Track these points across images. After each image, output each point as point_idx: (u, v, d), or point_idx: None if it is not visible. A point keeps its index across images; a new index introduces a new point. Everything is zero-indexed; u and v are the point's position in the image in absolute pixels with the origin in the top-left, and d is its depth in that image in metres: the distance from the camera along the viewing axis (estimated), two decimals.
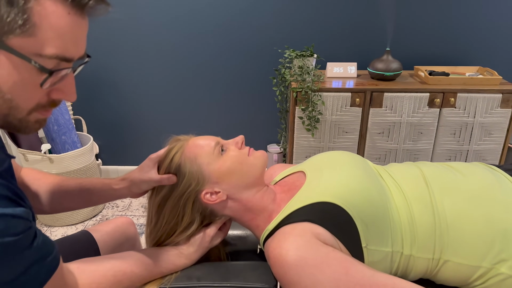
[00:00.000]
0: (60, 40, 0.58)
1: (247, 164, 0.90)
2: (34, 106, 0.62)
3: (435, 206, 0.85)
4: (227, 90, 2.35)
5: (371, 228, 0.82)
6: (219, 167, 0.88)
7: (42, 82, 0.59)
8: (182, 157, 0.90)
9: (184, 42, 2.25)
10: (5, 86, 0.58)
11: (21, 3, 0.54)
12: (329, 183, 0.88)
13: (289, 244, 0.77)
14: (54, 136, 2.10)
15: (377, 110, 1.96)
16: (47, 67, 0.58)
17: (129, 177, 0.95)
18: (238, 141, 0.93)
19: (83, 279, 0.77)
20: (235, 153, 0.91)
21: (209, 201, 0.89)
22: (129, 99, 2.40)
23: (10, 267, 0.59)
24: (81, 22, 0.61)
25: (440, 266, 0.83)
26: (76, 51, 0.62)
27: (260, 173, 0.92)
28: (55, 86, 0.62)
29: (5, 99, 0.59)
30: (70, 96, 0.65)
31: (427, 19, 2.16)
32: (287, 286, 0.77)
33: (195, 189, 0.88)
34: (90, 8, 0.61)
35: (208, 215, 0.93)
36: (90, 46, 2.12)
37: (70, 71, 0.63)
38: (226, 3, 2.16)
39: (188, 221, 0.90)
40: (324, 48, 2.22)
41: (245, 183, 0.90)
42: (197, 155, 0.89)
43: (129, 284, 0.84)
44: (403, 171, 0.96)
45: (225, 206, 0.91)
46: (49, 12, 0.56)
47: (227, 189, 0.89)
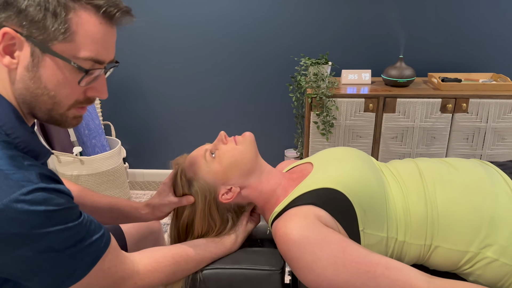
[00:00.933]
0: (93, 45, 0.69)
1: (238, 152, 0.98)
2: (73, 102, 0.73)
3: (428, 197, 0.92)
4: (246, 97, 2.47)
5: (368, 214, 0.90)
6: (218, 169, 0.98)
7: (80, 80, 0.70)
8: (187, 179, 1.00)
9: (205, 53, 2.39)
10: (50, 84, 0.69)
11: (63, 15, 0.65)
12: (333, 172, 0.96)
13: (293, 224, 0.86)
14: (85, 140, 2.25)
15: (391, 115, 2.02)
16: (83, 67, 0.69)
17: (151, 203, 1.07)
18: (221, 138, 1.00)
19: (145, 259, 0.86)
20: (224, 149, 0.99)
21: (228, 200, 0.99)
22: (155, 106, 2.55)
23: (57, 236, 0.65)
24: (111, 30, 0.72)
25: (432, 251, 0.90)
26: (107, 55, 0.73)
27: (253, 153, 1.00)
28: (90, 85, 0.73)
29: (50, 95, 0.70)
30: (103, 94, 0.76)
31: (440, 27, 2.22)
32: (290, 261, 0.86)
33: (211, 198, 0.99)
34: (118, 19, 0.72)
35: (236, 209, 1.03)
36: (119, 57, 2.31)
37: (102, 72, 0.74)
38: (246, 16, 2.29)
39: (220, 223, 1.01)
40: (339, 56, 2.31)
41: (247, 169, 0.99)
42: (195, 171, 1.00)
43: (185, 266, 0.92)
44: (401, 166, 1.03)
45: (243, 196, 1.01)
46: (85, 22, 0.67)
47: (236, 182, 0.99)
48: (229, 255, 1.02)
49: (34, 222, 0.62)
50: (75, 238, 0.69)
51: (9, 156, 0.64)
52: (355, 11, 2.23)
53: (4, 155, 0.64)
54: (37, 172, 0.66)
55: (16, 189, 0.61)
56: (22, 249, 0.63)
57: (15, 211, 0.60)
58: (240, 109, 2.50)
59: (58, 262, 0.67)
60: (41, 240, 0.64)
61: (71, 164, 2.18)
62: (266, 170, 1.03)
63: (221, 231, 1.02)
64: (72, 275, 0.70)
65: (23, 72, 0.68)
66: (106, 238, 0.75)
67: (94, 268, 0.72)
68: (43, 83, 0.69)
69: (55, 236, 0.65)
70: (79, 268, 0.70)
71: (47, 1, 0.64)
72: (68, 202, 0.68)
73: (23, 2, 0.64)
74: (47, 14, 0.65)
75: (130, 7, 0.73)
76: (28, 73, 0.68)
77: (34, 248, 0.64)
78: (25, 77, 0.68)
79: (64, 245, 0.67)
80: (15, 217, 0.61)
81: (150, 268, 0.85)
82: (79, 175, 2.19)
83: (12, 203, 0.60)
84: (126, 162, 2.69)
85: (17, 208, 0.61)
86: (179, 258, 0.91)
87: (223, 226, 1.02)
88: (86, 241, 0.70)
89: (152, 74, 2.47)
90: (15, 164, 0.64)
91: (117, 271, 0.78)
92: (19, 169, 0.64)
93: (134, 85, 2.51)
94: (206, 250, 0.97)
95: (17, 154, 0.66)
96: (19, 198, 0.61)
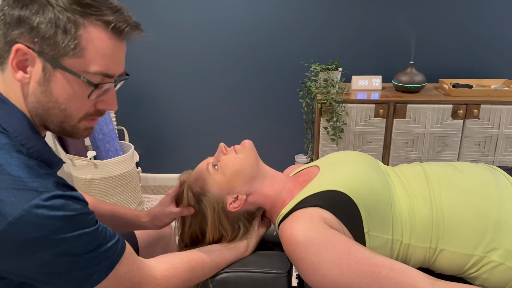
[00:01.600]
0: (103, 59, 0.71)
1: (239, 161, 1.01)
2: (83, 115, 0.75)
3: (433, 200, 0.92)
4: (256, 103, 2.49)
5: (373, 216, 0.91)
6: (222, 179, 1.01)
7: (89, 94, 0.72)
8: (194, 194, 1.04)
9: (217, 59, 2.42)
10: (61, 98, 0.71)
11: (73, 31, 0.68)
12: (339, 175, 0.97)
13: (299, 225, 0.87)
14: (99, 144, 2.30)
15: (401, 121, 2.02)
16: (93, 82, 0.71)
17: (152, 212, 1.10)
18: (222, 149, 1.03)
19: (161, 264, 0.87)
20: (225, 159, 1.02)
21: (236, 208, 1.01)
22: (168, 112, 2.59)
23: (76, 241, 0.67)
24: (120, 45, 0.74)
25: (437, 255, 0.91)
26: (117, 69, 0.75)
27: (253, 159, 1.02)
28: (100, 98, 0.75)
29: (61, 109, 0.72)
30: (113, 106, 0.78)
31: (451, 32, 2.22)
32: (295, 262, 0.88)
33: (220, 208, 1.02)
34: (127, 34, 0.74)
35: (246, 216, 1.05)
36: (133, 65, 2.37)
37: (111, 86, 0.76)
38: (257, 22, 2.32)
39: (231, 232, 1.03)
40: (349, 62, 2.32)
41: (249, 176, 1.01)
42: (201, 185, 1.03)
43: (201, 272, 0.93)
44: (408, 169, 1.04)
45: (251, 202, 1.03)
46: (94, 38, 0.69)
47: (241, 190, 1.01)
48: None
49: (54, 226, 0.64)
50: (92, 243, 0.71)
51: (26, 165, 0.67)
52: (366, 17, 2.24)
53: (22, 164, 0.66)
54: (53, 180, 0.68)
55: (35, 195, 0.64)
56: (42, 253, 0.65)
57: (35, 216, 0.63)
58: (251, 114, 2.53)
59: (76, 266, 0.69)
60: (60, 245, 0.66)
61: (85, 168, 2.22)
62: (270, 174, 1.05)
63: (233, 239, 1.04)
64: (90, 279, 0.72)
65: (35, 87, 0.70)
66: (121, 244, 0.77)
67: (111, 273, 0.74)
68: (54, 97, 0.71)
69: (73, 241, 0.67)
70: (97, 273, 0.72)
71: (58, 18, 0.67)
72: (84, 208, 0.70)
73: (35, 19, 0.66)
74: (58, 31, 0.67)
75: (139, 22, 0.75)
76: (40, 87, 0.70)
77: (54, 252, 0.66)
78: (37, 91, 0.70)
79: (82, 250, 0.69)
80: (35, 222, 0.63)
81: (167, 273, 0.86)
82: (93, 179, 2.23)
83: (32, 209, 0.63)
84: (138, 166, 2.74)
85: (37, 214, 0.63)
86: (195, 264, 0.92)
87: (234, 234, 1.04)
88: (103, 247, 0.72)
89: (164, 80, 2.51)
90: (33, 173, 0.66)
91: (134, 276, 0.79)
92: (36, 177, 0.66)
93: (148, 91, 2.55)
94: (220, 256, 0.98)
95: (33, 163, 0.68)
96: (39, 203, 0.63)
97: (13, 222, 0.62)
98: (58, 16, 0.67)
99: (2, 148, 0.67)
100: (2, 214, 0.62)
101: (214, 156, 1.06)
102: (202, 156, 2.83)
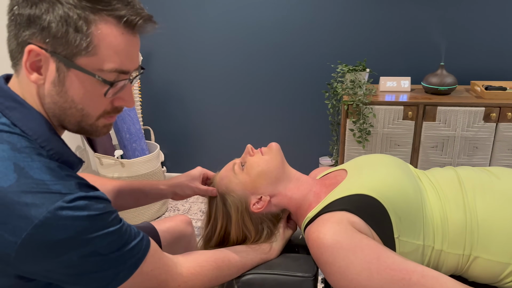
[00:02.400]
0: (117, 56, 0.69)
1: (265, 162, 1.01)
2: (101, 113, 0.74)
3: (467, 205, 0.89)
4: (282, 103, 2.48)
5: (404, 221, 0.88)
6: (246, 179, 1.01)
7: (105, 92, 0.71)
8: (220, 195, 1.05)
9: (243, 60, 2.42)
10: (77, 97, 0.70)
11: (84, 29, 0.66)
12: (368, 178, 0.95)
13: (327, 229, 0.86)
14: (126, 144, 2.34)
15: (431, 124, 1.97)
16: (108, 80, 0.70)
17: (176, 180, 1.10)
18: (248, 151, 1.05)
19: (189, 262, 0.87)
20: (251, 160, 1.02)
21: (259, 209, 1.01)
22: (193, 113, 2.61)
23: (101, 240, 0.68)
24: (133, 39, 0.71)
25: (471, 262, 0.87)
26: (131, 64, 0.73)
27: (279, 161, 1.02)
28: (116, 95, 0.74)
29: (77, 108, 0.71)
30: (130, 103, 0.76)
31: (483, 32, 2.15)
32: (322, 266, 0.86)
33: (243, 208, 1.01)
34: (140, 27, 0.71)
35: (271, 218, 1.05)
36: (160, 65, 2.40)
37: (127, 82, 0.74)
38: (283, 23, 2.31)
39: (255, 234, 1.03)
40: (377, 63, 2.28)
41: (274, 177, 1.01)
42: (226, 184, 1.03)
43: (227, 272, 0.92)
44: (440, 173, 1.01)
45: (274, 204, 1.03)
46: (106, 34, 0.67)
47: (265, 191, 1.01)
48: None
49: (79, 227, 0.65)
50: (118, 242, 0.71)
51: (48, 167, 0.67)
52: (395, 17, 2.20)
53: (43, 167, 0.66)
54: (75, 181, 0.68)
55: (59, 197, 0.64)
56: (68, 254, 0.65)
57: (60, 218, 0.63)
58: (276, 115, 2.51)
59: (103, 266, 0.69)
60: (87, 245, 0.66)
61: (112, 167, 2.26)
62: (296, 177, 1.04)
63: (257, 241, 1.03)
64: (116, 278, 0.72)
65: (50, 87, 0.69)
66: (146, 241, 0.77)
67: (137, 271, 0.74)
68: (70, 97, 0.70)
69: (99, 241, 0.67)
70: (123, 271, 0.72)
71: (68, 15, 0.65)
72: (107, 207, 0.70)
73: (45, 18, 0.65)
74: (69, 30, 0.65)
75: (152, 14, 0.72)
76: (55, 88, 0.69)
77: (80, 252, 0.66)
78: (53, 92, 0.70)
79: (108, 249, 0.69)
80: (61, 224, 0.63)
81: (193, 271, 0.86)
82: (119, 177, 2.26)
83: (57, 211, 0.63)
84: (164, 166, 2.76)
85: (62, 215, 0.63)
86: (221, 263, 0.92)
87: (258, 236, 1.03)
88: (128, 245, 0.72)
89: (191, 80, 2.53)
90: (55, 175, 0.66)
91: (160, 273, 0.79)
92: (59, 179, 0.66)
93: (174, 91, 2.58)
94: (247, 256, 0.98)
95: (55, 165, 0.68)
96: (63, 205, 0.63)
97: (39, 225, 0.62)
98: (68, 14, 0.65)
99: (23, 152, 0.66)
100: (27, 218, 0.62)
101: (241, 157, 1.06)
102: (226, 156, 2.83)
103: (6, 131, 0.68)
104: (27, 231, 0.62)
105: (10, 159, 0.65)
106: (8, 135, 0.68)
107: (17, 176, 0.64)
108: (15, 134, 0.68)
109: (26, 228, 0.62)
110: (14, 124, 0.69)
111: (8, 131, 0.68)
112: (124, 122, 2.30)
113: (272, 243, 1.03)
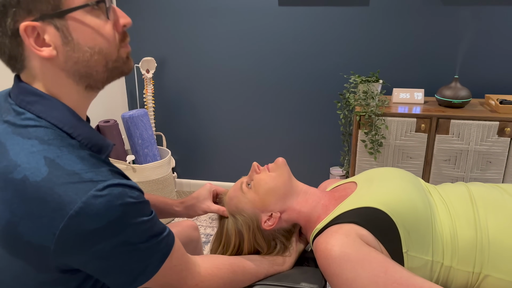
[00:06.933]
0: None
1: (272, 179, 1.02)
2: (116, 43, 0.73)
3: (477, 222, 0.88)
4: (293, 113, 2.48)
5: (412, 236, 0.87)
6: (255, 198, 1.02)
7: (107, 14, 0.70)
8: (230, 214, 1.06)
9: (255, 69, 2.44)
10: (90, 41, 0.70)
11: None
12: (377, 191, 0.95)
13: (334, 240, 0.85)
14: (138, 149, 2.36)
15: (444, 137, 1.95)
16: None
17: (187, 202, 1.13)
18: (255, 168, 1.05)
19: (206, 263, 0.88)
20: (258, 178, 1.03)
21: (271, 226, 1.02)
22: (205, 120, 2.62)
23: (134, 229, 0.67)
24: None
25: (481, 280, 0.86)
26: None
27: (285, 176, 1.03)
28: (114, 17, 0.73)
29: (97, 51, 0.71)
30: (126, 18, 0.75)
31: (498, 45, 2.13)
32: (329, 277, 0.86)
33: (255, 226, 1.02)
34: None
35: (283, 233, 1.05)
36: (173, 72, 2.42)
37: (111, 4, 0.73)
38: (296, 33, 2.31)
39: (267, 249, 1.04)
40: (390, 74, 2.27)
41: (282, 193, 1.02)
42: (236, 205, 1.04)
43: (242, 277, 0.93)
44: (451, 189, 1.00)
45: (285, 219, 1.03)
46: None
47: (275, 208, 1.02)
48: None
49: (113, 216, 0.64)
50: (148, 232, 0.70)
51: (78, 156, 0.67)
52: (408, 28, 2.19)
53: (73, 157, 0.67)
54: (107, 168, 0.68)
55: (91, 186, 0.64)
56: (102, 244, 0.65)
57: (94, 207, 0.63)
58: (287, 124, 2.52)
59: (132, 257, 0.69)
60: (120, 234, 0.66)
61: (124, 172, 2.27)
62: (303, 190, 1.05)
63: (270, 253, 1.04)
64: (144, 271, 0.72)
65: (64, 50, 0.69)
66: (172, 236, 0.77)
67: (163, 265, 0.74)
68: (84, 45, 0.70)
69: (132, 229, 0.67)
70: (151, 265, 0.72)
71: None
72: (140, 196, 0.70)
73: None
74: None
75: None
76: (68, 46, 0.69)
77: (113, 242, 0.66)
78: (68, 53, 0.69)
79: (139, 239, 0.69)
80: (94, 213, 0.63)
81: (210, 272, 0.87)
82: None
83: (90, 200, 0.63)
84: (174, 172, 2.78)
85: (95, 204, 0.63)
86: (236, 268, 0.93)
87: (270, 252, 1.04)
88: (158, 237, 0.72)
89: (203, 88, 2.55)
90: (86, 163, 0.67)
91: (182, 270, 0.79)
92: (90, 167, 0.66)
93: (186, 98, 2.60)
94: (260, 266, 0.98)
95: (84, 153, 0.69)
96: (96, 194, 0.63)
97: (73, 216, 0.62)
98: None
99: (52, 144, 0.67)
100: (62, 210, 0.62)
101: (248, 175, 1.07)
102: (237, 164, 2.86)
103: (32, 126, 0.69)
104: (63, 223, 0.62)
105: (40, 152, 0.66)
106: (34, 130, 0.68)
107: (49, 168, 0.64)
108: (42, 127, 0.69)
109: (62, 220, 0.62)
110: (39, 117, 0.70)
111: (34, 125, 0.69)
112: (137, 128, 2.32)
113: (286, 257, 1.03)
